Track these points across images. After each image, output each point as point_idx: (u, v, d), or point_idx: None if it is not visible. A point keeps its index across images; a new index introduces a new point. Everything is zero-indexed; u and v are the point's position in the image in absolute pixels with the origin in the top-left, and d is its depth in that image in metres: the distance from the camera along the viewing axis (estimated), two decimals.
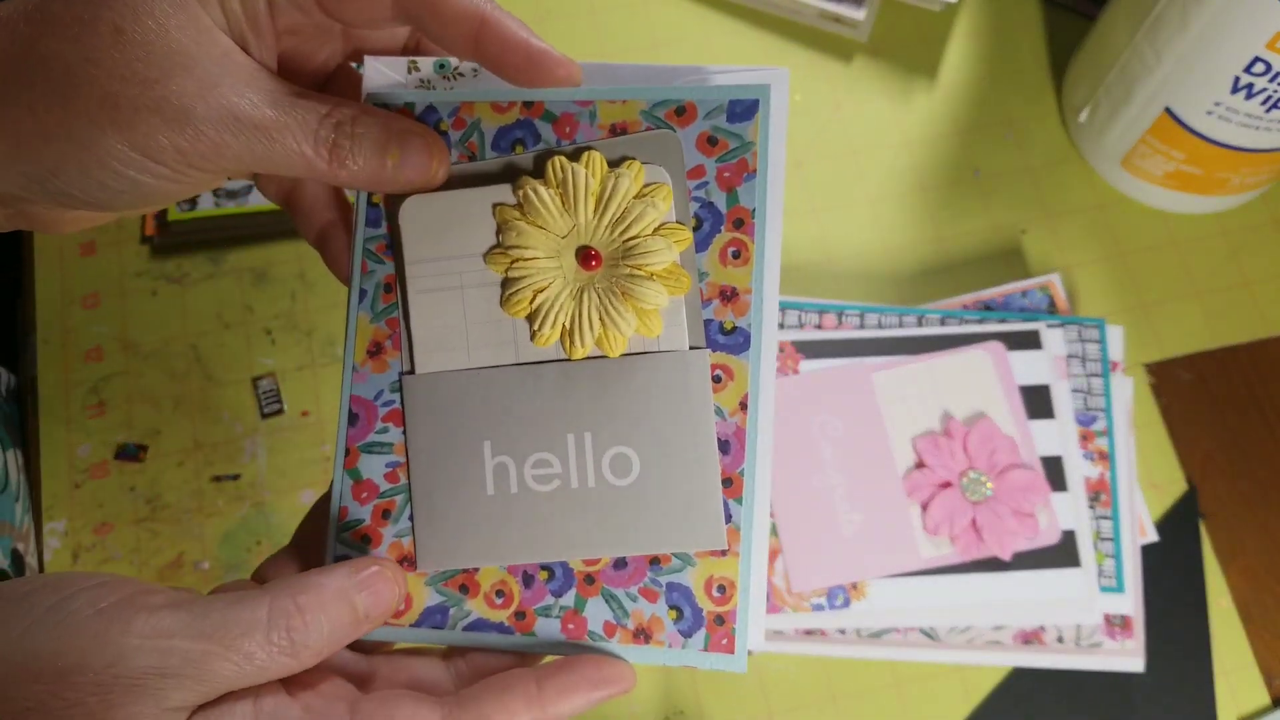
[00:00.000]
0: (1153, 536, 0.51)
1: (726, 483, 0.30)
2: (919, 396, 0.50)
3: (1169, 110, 0.51)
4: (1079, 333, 0.52)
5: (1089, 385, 0.51)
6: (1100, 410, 0.51)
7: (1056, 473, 0.49)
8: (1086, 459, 0.50)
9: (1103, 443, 0.51)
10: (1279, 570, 0.51)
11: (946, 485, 0.49)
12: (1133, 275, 0.57)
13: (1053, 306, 0.54)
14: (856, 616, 0.48)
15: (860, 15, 0.59)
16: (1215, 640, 0.50)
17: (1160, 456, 0.53)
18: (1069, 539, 0.48)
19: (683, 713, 0.49)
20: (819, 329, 0.52)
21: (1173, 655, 0.50)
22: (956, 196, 0.58)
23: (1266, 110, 0.48)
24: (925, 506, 0.48)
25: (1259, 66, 0.46)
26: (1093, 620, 0.48)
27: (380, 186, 0.30)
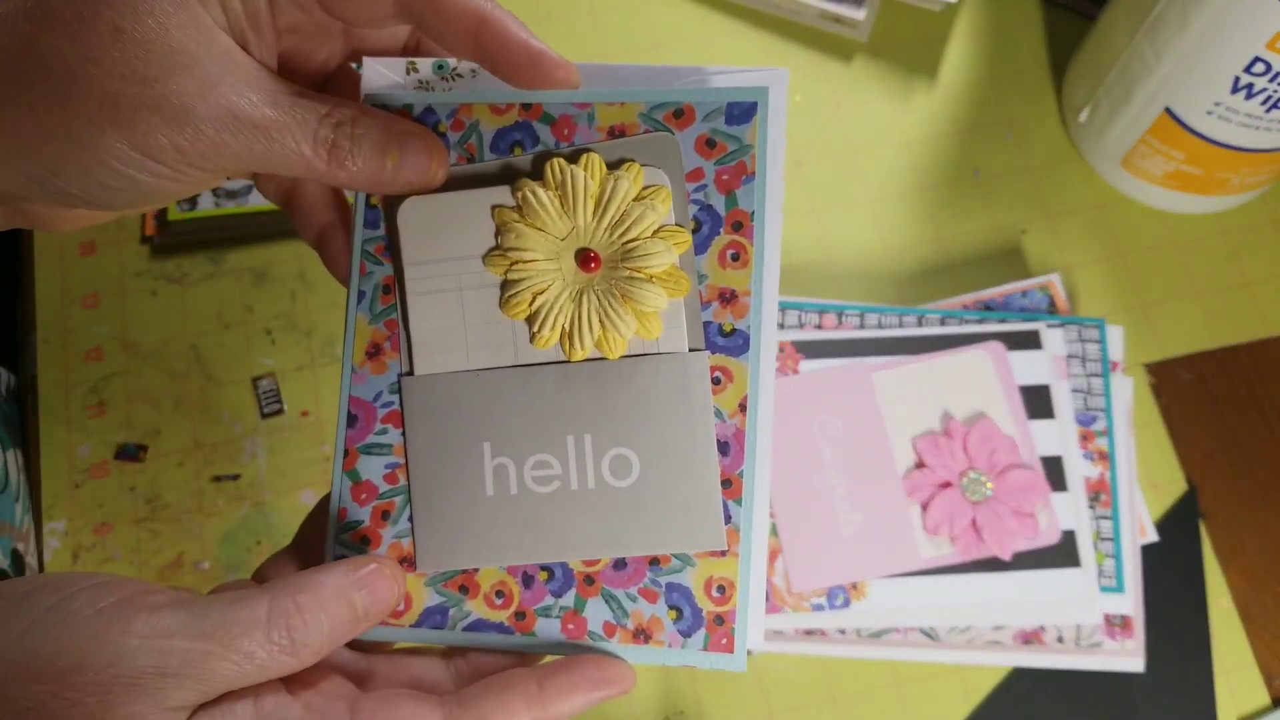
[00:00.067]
0: (1153, 536, 0.51)
1: (726, 484, 0.30)
2: (919, 396, 0.50)
3: (1169, 110, 0.51)
4: (1079, 333, 0.52)
5: (1089, 385, 0.51)
6: (1100, 410, 0.51)
7: (1056, 473, 0.49)
8: (1086, 459, 0.50)
9: (1103, 443, 0.51)
10: (1279, 570, 0.51)
11: (946, 485, 0.49)
12: (1133, 275, 0.57)
13: (1053, 306, 0.53)
14: (856, 616, 0.48)
15: (860, 15, 0.59)
16: (1215, 640, 0.50)
17: (1160, 456, 0.53)
18: (1069, 539, 0.48)
19: (683, 713, 0.49)
20: (819, 329, 0.52)
21: (1173, 655, 0.50)
22: (956, 196, 0.58)
23: (1266, 110, 0.48)
24: (925, 506, 0.48)
25: (1259, 66, 0.46)
26: (1093, 620, 0.48)
27: (379, 187, 0.30)
